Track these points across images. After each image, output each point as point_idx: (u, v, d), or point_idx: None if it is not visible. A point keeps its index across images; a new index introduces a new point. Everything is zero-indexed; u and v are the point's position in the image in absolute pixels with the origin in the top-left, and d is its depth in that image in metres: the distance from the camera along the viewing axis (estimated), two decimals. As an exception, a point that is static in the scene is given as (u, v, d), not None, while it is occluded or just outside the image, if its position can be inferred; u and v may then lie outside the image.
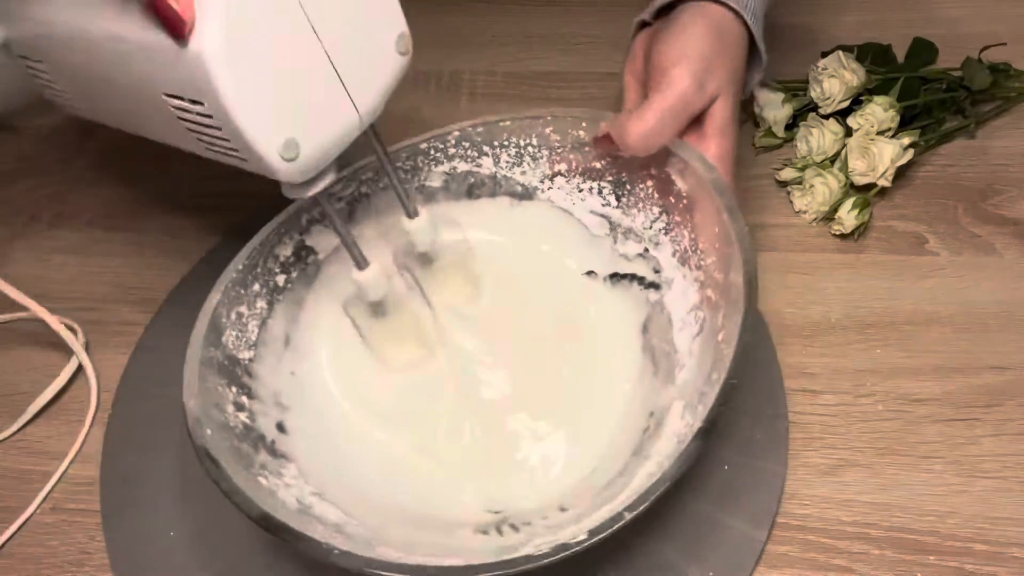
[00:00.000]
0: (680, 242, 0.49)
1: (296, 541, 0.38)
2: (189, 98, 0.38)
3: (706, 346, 0.44)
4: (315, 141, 0.40)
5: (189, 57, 0.36)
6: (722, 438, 0.48)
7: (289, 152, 0.39)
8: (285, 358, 0.51)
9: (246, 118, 0.37)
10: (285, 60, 0.38)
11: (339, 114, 0.41)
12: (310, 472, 0.46)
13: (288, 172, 0.40)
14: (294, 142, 0.39)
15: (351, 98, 0.41)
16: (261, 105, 0.37)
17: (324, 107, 0.40)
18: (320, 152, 0.41)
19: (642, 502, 0.37)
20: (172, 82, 0.38)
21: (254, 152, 0.38)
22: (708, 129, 0.50)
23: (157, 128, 0.43)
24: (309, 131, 0.40)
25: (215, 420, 0.44)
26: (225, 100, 0.36)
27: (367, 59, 0.41)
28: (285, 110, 0.38)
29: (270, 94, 0.38)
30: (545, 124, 0.53)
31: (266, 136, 0.38)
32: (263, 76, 0.37)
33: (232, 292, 0.49)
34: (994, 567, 0.43)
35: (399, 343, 0.52)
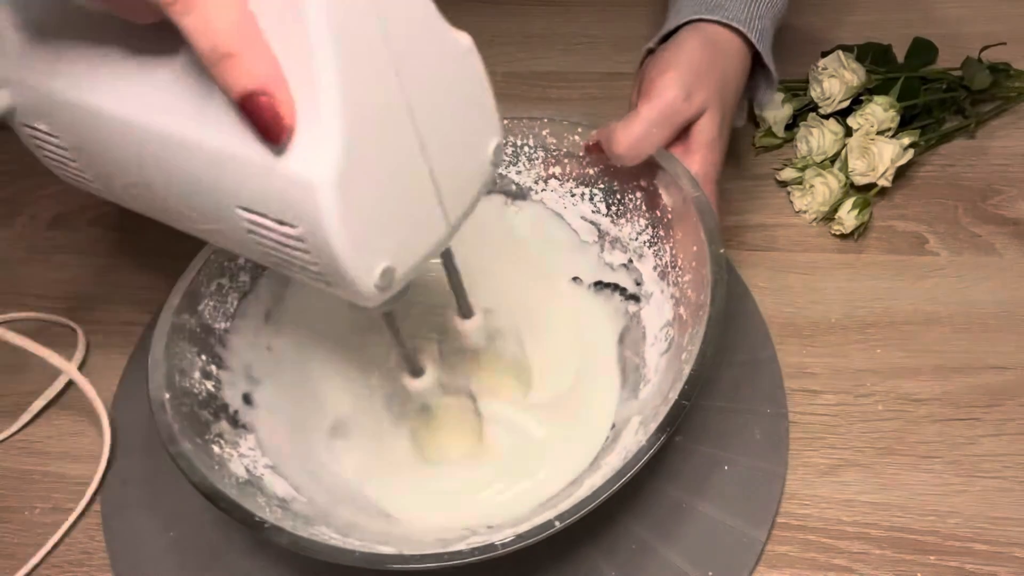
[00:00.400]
0: (662, 256, 0.50)
1: (230, 510, 0.39)
2: (275, 218, 0.32)
3: (671, 364, 0.45)
4: (409, 263, 0.36)
5: (290, 177, 0.31)
6: (724, 440, 0.48)
7: (384, 280, 0.34)
8: (264, 332, 0.51)
9: (348, 250, 0.32)
10: (392, 182, 0.33)
11: (433, 231, 0.37)
12: (269, 445, 0.47)
13: (378, 299, 0.35)
14: (391, 270, 0.34)
15: (444, 213, 0.36)
16: (364, 235, 0.33)
17: (420, 227, 0.36)
18: (411, 273, 0.36)
19: (571, 514, 0.37)
20: (256, 199, 0.33)
21: (348, 283, 0.33)
22: (693, 144, 0.50)
23: (209, 232, 0.38)
24: (405, 255, 0.35)
25: (178, 384, 0.44)
26: (330, 231, 0.31)
27: (464, 171, 0.37)
28: (386, 237, 0.34)
29: (374, 222, 0.33)
30: (542, 126, 0.53)
31: (366, 267, 0.33)
32: (370, 203, 0.32)
33: (215, 263, 0.50)
34: (994, 567, 0.43)
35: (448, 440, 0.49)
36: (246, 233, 0.34)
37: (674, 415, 0.39)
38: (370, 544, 0.39)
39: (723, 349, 0.51)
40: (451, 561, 0.36)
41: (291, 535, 0.38)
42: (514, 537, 0.37)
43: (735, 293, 0.55)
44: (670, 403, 0.40)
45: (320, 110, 0.30)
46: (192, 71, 0.33)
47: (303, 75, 0.30)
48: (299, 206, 0.31)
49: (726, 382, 0.50)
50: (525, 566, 0.44)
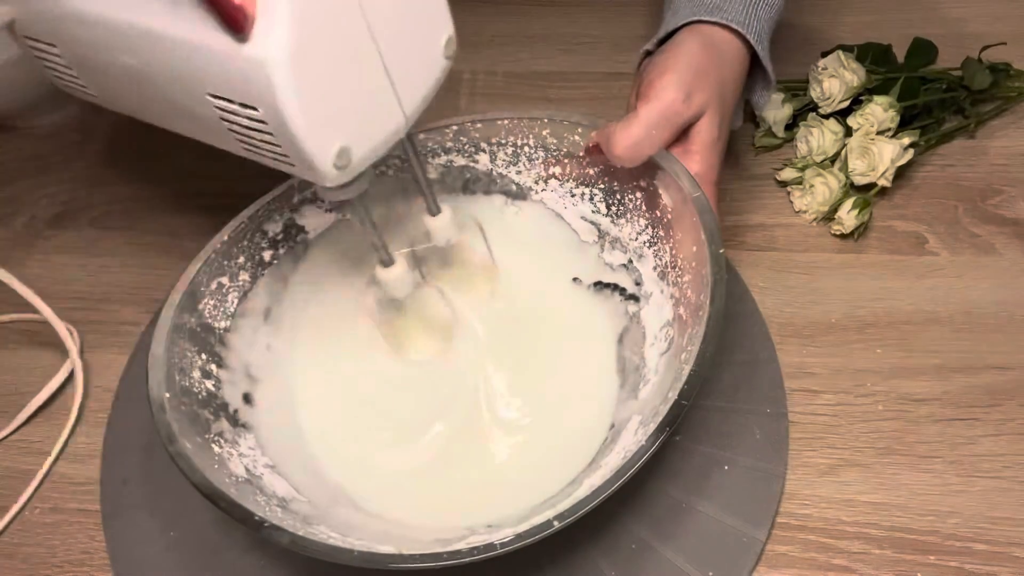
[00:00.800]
0: (662, 257, 0.50)
1: (230, 509, 0.39)
2: (239, 102, 0.36)
3: (670, 364, 0.45)
4: (365, 147, 0.39)
5: (249, 61, 0.34)
6: (724, 440, 0.48)
7: (342, 160, 0.37)
8: (263, 331, 0.52)
9: (304, 127, 0.35)
10: (344, 66, 0.36)
11: (388, 118, 0.40)
12: (268, 444, 0.47)
13: (337, 178, 0.38)
14: (347, 150, 0.37)
15: (399, 102, 0.40)
16: (319, 114, 0.36)
17: (376, 112, 0.39)
18: (368, 156, 0.39)
19: (570, 515, 0.38)
20: (221, 84, 0.36)
21: (307, 160, 0.37)
22: (692, 145, 0.50)
23: (190, 125, 0.42)
24: (361, 137, 0.38)
25: (178, 383, 0.45)
26: (285, 109, 0.35)
27: (416, 62, 0.40)
28: (341, 118, 0.37)
29: (328, 102, 0.36)
30: (542, 126, 0.53)
31: (322, 145, 0.36)
32: (323, 83, 0.36)
33: (215, 262, 0.50)
34: (994, 567, 0.43)
35: (416, 338, 0.51)
36: (219, 121, 0.38)
37: (674, 415, 0.39)
38: (369, 543, 0.39)
39: (723, 349, 0.51)
40: (450, 561, 0.36)
41: (291, 534, 0.38)
42: (513, 537, 0.37)
43: (735, 293, 0.55)
44: (670, 403, 0.40)
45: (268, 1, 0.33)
46: None
47: None
48: (257, 87, 0.35)
49: (726, 382, 0.50)
50: (525, 566, 0.44)
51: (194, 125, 0.41)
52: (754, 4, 0.53)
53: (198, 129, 0.41)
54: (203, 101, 0.38)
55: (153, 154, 0.71)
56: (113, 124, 0.74)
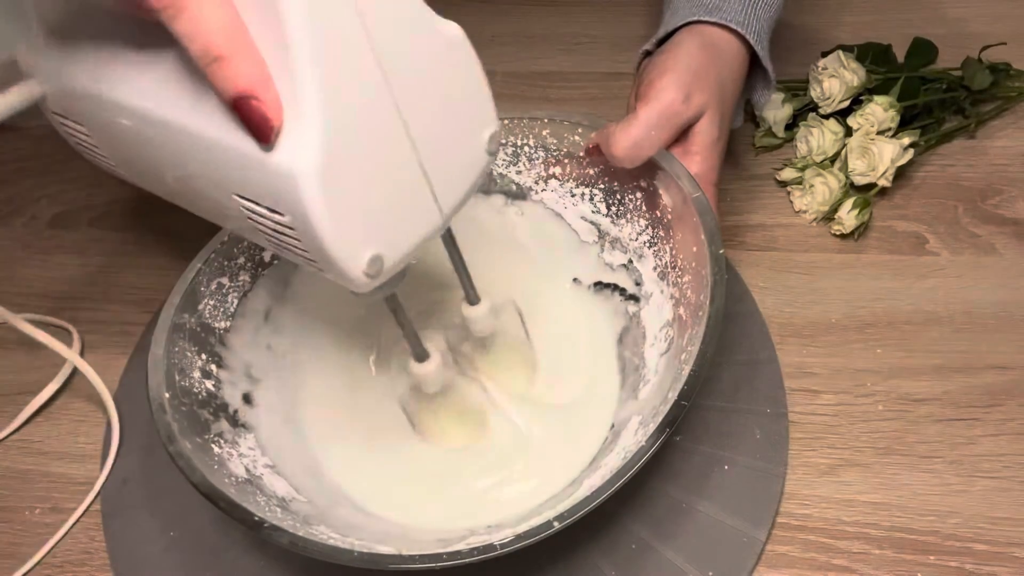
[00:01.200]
0: (662, 257, 0.50)
1: (229, 509, 0.39)
2: (267, 206, 0.34)
3: (670, 364, 0.45)
4: (399, 251, 0.37)
5: (277, 169, 0.32)
6: (724, 440, 0.48)
7: (373, 268, 0.35)
8: (263, 332, 0.52)
9: (334, 239, 0.33)
10: (378, 173, 0.34)
11: (424, 220, 0.37)
12: (268, 445, 0.47)
13: (368, 286, 0.36)
14: (379, 258, 0.35)
15: (437, 203, 0.37)
16: (350, 224, 0.34)
17: (411, 215, 0.37)
18: (402, 261, 0.37)
19: (569, 516, 0.37)
20: (249, 187, 0.34)
21: (337, 269, 0.35)
22: (692, 145, 0.50)
23: (216, 216, 0.40)
24: (394, 244, 0.36)
25: (178, 383, 0.45)
26: (314, 220, 0.33)
27: (456, 160, 0.38)
28: (374, 226, 0.35)
29: (361, 211, 0.34)
30: (542, 126, 0.53)
31: (353, 255, 0.34)
32: (355, 193, 0.34)
33: (215, 262, 0.50)
34: (994, 567, 0.43)
35: (452, 426, 0.50)
36: (246, 219, 0.36)
37: (674, 415, 0.39)
38: (369, 544, 0.39)
39: (723, 349, 0.51)
40: (450, 561, 0.36)
41: (290, 535, 0.38)
42: (513, 537, 0.37)
43: (735, 293, 0.55)
44: (670, 403, 0.40)
45: (301, 106, 0.31)
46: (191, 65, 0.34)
47: (285, 72, 0.31)
48: (285, 196, 0.33)
49: (726, 382, 0.50)
50: (525, 566, 0.44)
51: (222, 218, 0.40)
52: (753, 3, 0.53)
53: (226, 222, 0.40)
54: (230, 200, 0.36)
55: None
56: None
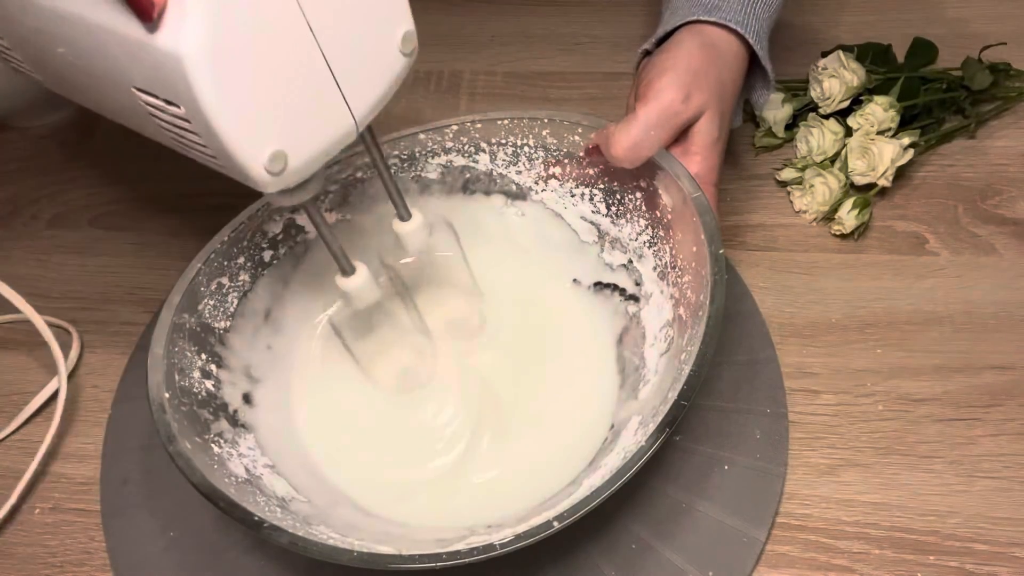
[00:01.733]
0: (662, 257, 0.50)
1: (229, 509, 0.39)
2: (163, 97, 0.33)
3: (670, 364, 0.45)
4: (305, 151, 0.36)
5: (163, 53, 0.31)
6: (724, 440, 0.48)
7: (276, 165, 0.34)
8: (263, 332, 0.52)
9: (229, 128, 0.32)
10: (276, 61, 0.33)
11: (333, 121, 0.36)
12: (268, 445, 0.47)
13: (272, 185, 0.35)
14: (282, 154, 0.34)
15: (347, 103, 0.36)
16: (247, 113, 0.33)
17: (317, 114, 0.35)
18: (309, 162, 0.36)
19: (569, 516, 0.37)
20: (143, 78, 0.33)
21: (236, 164, 0.34)
22: (692, 145, 0.50)
23: (130, 119, 0.39)
24: (299, 141, 0.35)
25: (178, 383, 0.45)
26: (205, 107, 0.31)
27: (367, 59, 0.37)
28: (274, 119, 0.34)
29: (258, 101, 0.33)
30: (542, 126, 0.53)
31: (251, 148, 0.33)
32: (250, 80, 0.32)
33: (215, 262, 0.50)
34: (994, 567, 0.43)
35: (390, 360, 0.49)
36: (148, 116, 0.35)
37: (673, 415, 0.39)
38: (369, 544, 0.39)
39: (723, 349, 0.51)
40: (450, 561, 0.36)
41: (290, 534, 0.38)
42: (513, 537, 0.37)
43: (735, 293, 0.55)
44: (669, 403, 0.40)
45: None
46: None
47: None
48: (175, 83, 0.31)
49: (726, 382, 0.50)
50: (524, 566, 0.44)
51: (130, 118, 0.38)
52: (752, 3, 0.53)
53: (133, 122, 0.38)
54: (130, 94, 0.35)
55: (153, 154, 0.70)
56: (113, 124, 0.74)
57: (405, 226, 0.47)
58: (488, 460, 0.48)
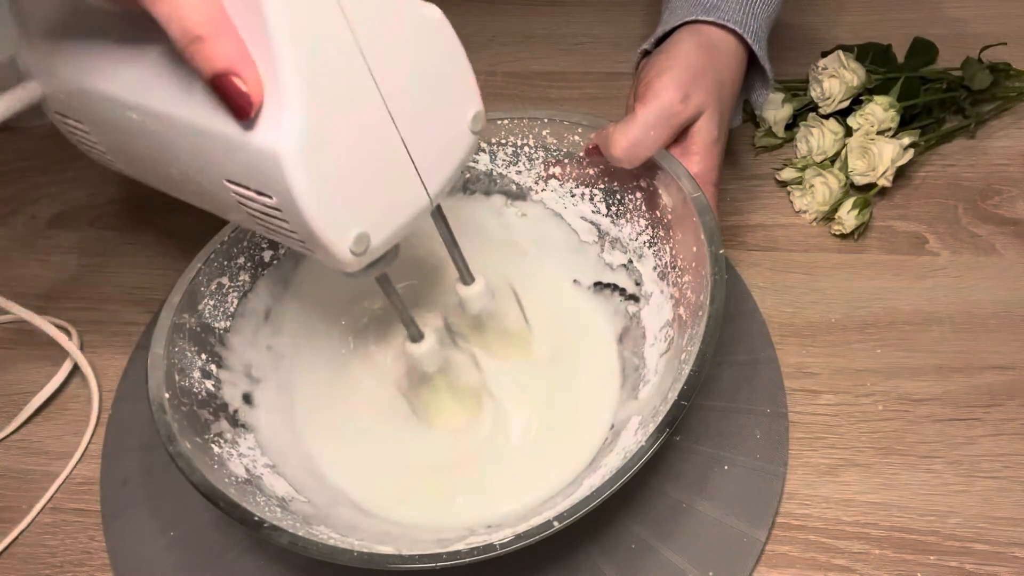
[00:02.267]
0: (662, 257, 0.50)
1: (229, 509, 0.39)
2: (255, 189, 0.35)
3: (670, 364, 0.45)
4: (385, 231, 0.37)
5: (260, 151, 0.33)
6: (724, 440, 0.48)
7: (360, 247, 0.36)
8: (263, 332, 0.52)
9: (318, 217, 0.34)
10: (361, 152, 0.35)
11: (410, 200, 0.38)
12: (268, 445, 0.47)
13: (355, 264, 0.37)
14: (365, 236, 0.36)
15: (423, 182, 0.38)
16: (335, 202, 0.35)
17: (396, 194, 0.38)
18: (389, 240, 0.38)
19: (570, 515, 0.37)
20: (237, 171, 0.35)
21: (323, 248, 0.36)
22: (692, 145, 0.50)
23: (212, 205, 0.41)
24: (380, 222, 0.37)
25: (178, 384, 0.45)
26: (298, 199, 0.33)
27: (440, 140, 0.39)
28: (359, 205, 0.36)
29: (345, 190, 0.35)
30: (542, 126, 0.53)
31: (338, 234, 0.35)
32: (338, 171, 0.34)
33: (215, 262, 0.50)
34: (994, 567, 0.43)
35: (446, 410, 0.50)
36: (238, 204, 0.37)
37: (673, 415, 0.39)
38: (369, 544, 0.39)
39: (723, 349, 0.51)
40: (450, 561, 0.36)
41: (290, 535, 0.38)
42: (513, 537, 0.37)
43: (735, 293, 0.55)
44: (670, 403, 0.40)
45: (281, 86, 0.32)
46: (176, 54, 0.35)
47: (264, 53, 0.32)
48: (270, 177, 0.33)
49: (726, 382, 0.50)
50: (525, 566, 0.44)
51: (218, 207, 0.40)
52: (751, 3, 0.53)
53: (222, 210, 0.41)
54: (221, 187, 0.36)
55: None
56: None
57: (468, 290, 0.48)
58: (488, 460, 0.48)
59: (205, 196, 0.40)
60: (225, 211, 0.40)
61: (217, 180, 0.36)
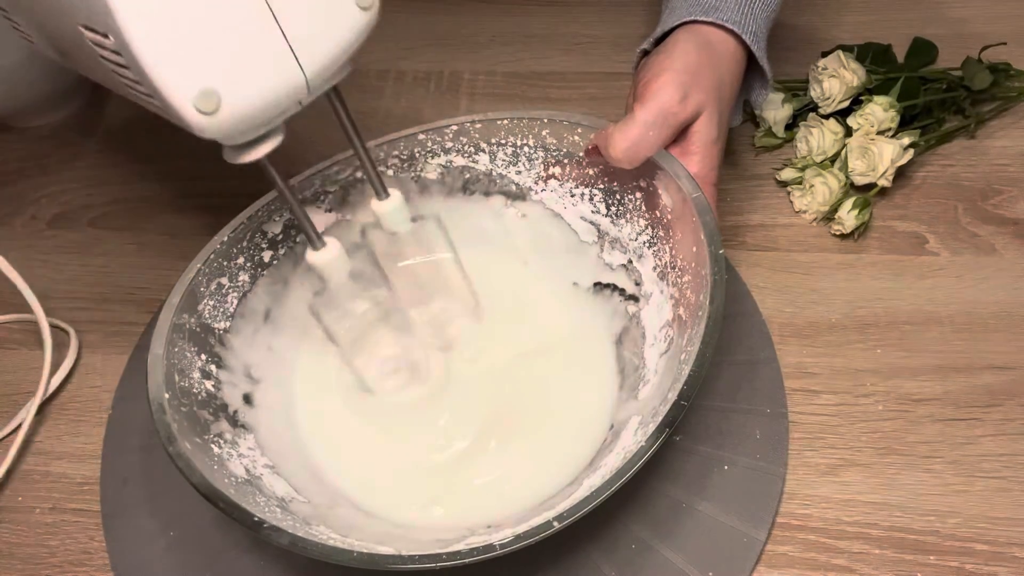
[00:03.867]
0: (662, 257, 0.50)
1: (229, 510, 0.39)
2: (100, 30, 0.32)
3: (670, 365, 0.45)
4: (242, 95, 0.34)
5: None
6: (724, 440, 0.48)
7: (206, 104, 0.33)
8: (263, 332, 0.52)
9: (153, 56, 0.32)
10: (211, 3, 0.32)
11: (277, 69, 0.35)
12: (268, 445, 0.47)
13: (206, 127, 0.34)
14: (213, 92, 0.33)
15: (294, 53, 0.35)
16: (174, 48, 0.32)
17: (257, 58, 0.34)
18: (249, 108, 0.35)
19: (570, 515, 0.37)
20: (83, 11, 0.33)
21: (164, 98, 0.33)
22: (691, 145, 0.50)
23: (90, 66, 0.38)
24: (235, 83, 0.34)
25: (177, 384, 0.45)
26: (126, 32, 0.31)
27: (319, 11, 0.35)
28: (204, 54, 0.33)
29: (187, 35, 0.32)
30: (542, 126, 0.53)
31: (178, 81, 0.33)
32: (179, 14, 0.32)
33: (215, 263, 0.50)
34: (994, 567, 0.43)
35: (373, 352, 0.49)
36: (99, 59, 0.34)
37: (673, 415, 0.39)
38: (369, 544, 0.39)
39: (723, 349, 0.51)
40: (450, 561, 0.36)
41: (290, 535, 0.38)
42: (513, 537, 0.37)
43: (735, 293, 0.55)
44: (669, 403, 0.40)
45: None
46: None
47: None
48: (101, 8, 0.31)
49: (726, 382, 0.50)
50: (524, 566, 0.44)
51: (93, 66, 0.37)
52: (750, 3, 0.53)
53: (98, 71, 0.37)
54: (79, 34, 0.34)
55: (153, 154, 0.71)
56: (113, 124, 0.74)
57: (383, 205, 0.46)
58: (488, 460, 0.48)
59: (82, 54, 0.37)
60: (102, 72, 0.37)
61: (74, 26, 0.34)
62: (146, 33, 0.31)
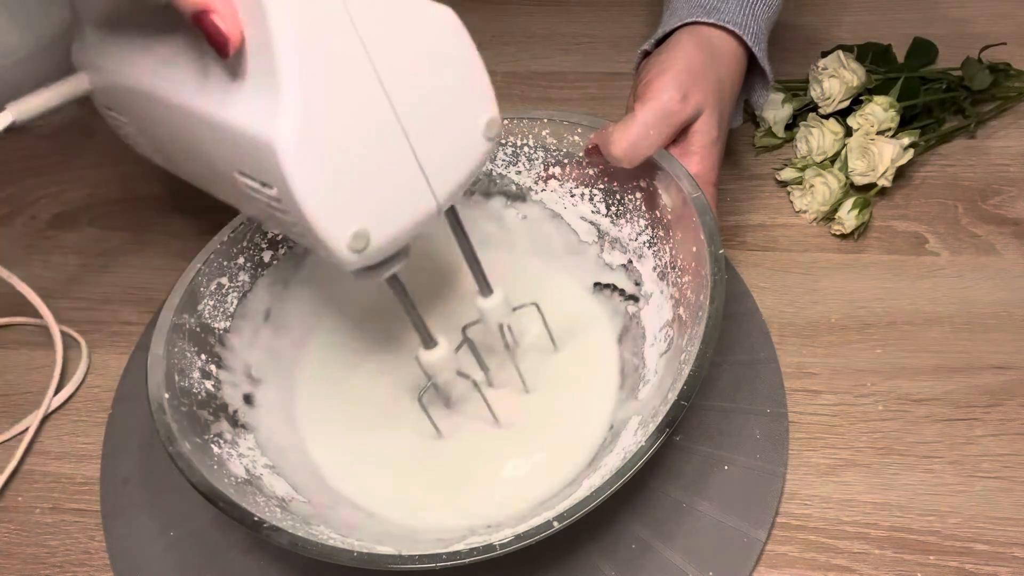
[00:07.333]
0: (662, 257, 0.50)
1: (229, 509, 0.39)
2: (260, 180, 0.35)
3: (670, 365, 0.45)
4: (387, 231, 0.37)
5: (260, 139, 0.34)
6: (724, 440, 0.48)
7: (358, 244, 0.36)
8: (263, 332, 0.52)
9: (314, 209, 0.34)
10: (361, 147, 0.35)
11: (415, 202, 0.38)
12: (268, 445, 0.47)
13: (356, 263, 0.37)
14: (364, 234, 0.36)
15: (430, 186, 0.38)
16: (332, 196, 0.35)
17: (400, 195, 0.37)
18: (391, 241, 0.38)
19: (570, 515, 0.37)
20: (244, 162, 0.36)
21: (321, 243, 0.36)
22: (691, 145, 0.50)
23: (233, 198, 0.41)
24: (382, 221, 0.37)
25: (177, 384, 0.45)
26: (293, 188, 0.34)
27: (451, 144, 0.38)
28: (358, 201, 0.36)
29: (343, 185, 0.35)
30: (542, 126, 0.53)
31: (336, 229, 0.35)
32: (337, 166, 0.34)
33: (215, 263, 0.50)
34: (994, 567, 0.43)
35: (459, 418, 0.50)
36: (250, 197, 0.37)
37: (673, 415, 0.39)
38: (369, 544, 0.39)
39: (723, 349, 0.51)
40: (450, 561, 0.36)
41: (290, 535, 0.38)
42: (513, 537, 0.37)
43: (735, 293, 0.55)
44: (669, 403, 0.40)
45: (280, 76, 0.33)
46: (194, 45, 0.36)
47: (264, 41, 0.33)
48: (268, 166, 0.34)
49: (726, 382, 0.50)
50: (524, 566, 0.44)
51: (236, 200, 0.41)
52: (751, 4, 0.53)
53: (240, 204, 0.41)
54: (234, 178, 0.37)
55: (153, 154, 0.71)
56: (113, 124, 0.74)
57: (486, 302, 0.47)
58: (488, 460, 0.48)
59: (226, 189, 0.40)
60: (243, 204, 0.41)
61: (230, 172, 0.37)
62: (312, 188, 0.34)
